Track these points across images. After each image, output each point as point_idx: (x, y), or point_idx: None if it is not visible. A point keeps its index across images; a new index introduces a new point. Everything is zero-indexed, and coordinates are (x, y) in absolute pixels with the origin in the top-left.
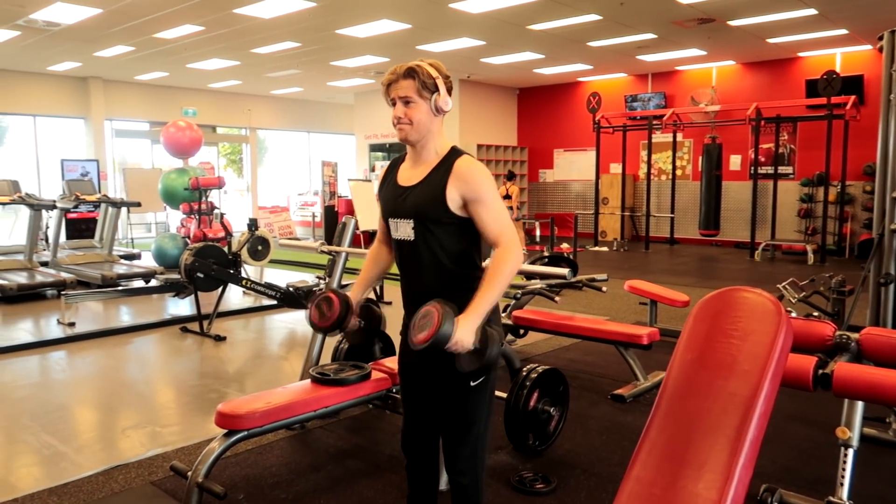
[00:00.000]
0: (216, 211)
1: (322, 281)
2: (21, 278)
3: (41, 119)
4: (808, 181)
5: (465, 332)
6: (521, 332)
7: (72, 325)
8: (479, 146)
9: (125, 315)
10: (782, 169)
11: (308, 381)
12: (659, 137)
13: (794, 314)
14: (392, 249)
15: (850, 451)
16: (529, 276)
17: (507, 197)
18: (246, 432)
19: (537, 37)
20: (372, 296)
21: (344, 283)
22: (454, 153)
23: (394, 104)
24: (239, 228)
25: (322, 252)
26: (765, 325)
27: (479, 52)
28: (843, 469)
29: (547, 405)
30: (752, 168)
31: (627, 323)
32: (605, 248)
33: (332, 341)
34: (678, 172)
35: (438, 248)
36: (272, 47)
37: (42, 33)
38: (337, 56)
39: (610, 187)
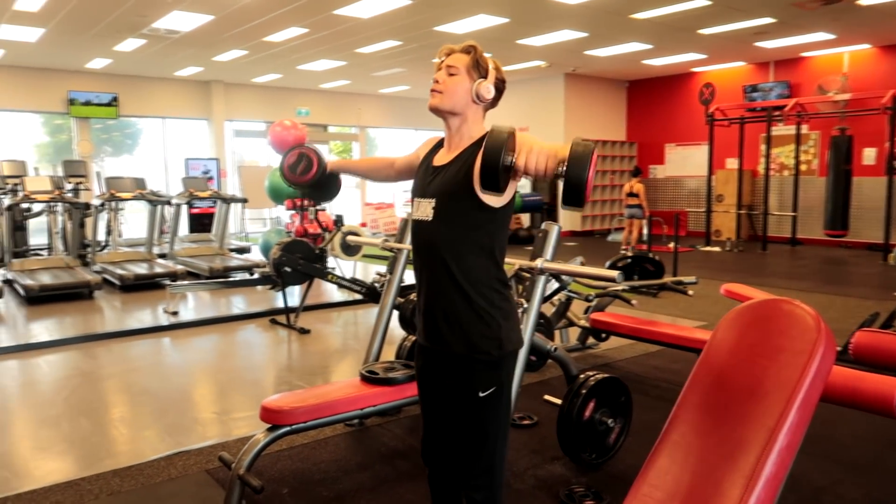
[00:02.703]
0: (311, 208)
1: (383, 278)
2: (140, 269)
3: (169, 121)
4: None
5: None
6: (603, 335)
7: (175, 313)
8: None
9: (225, 306)
10: None
11: (358, 378)
12: (781, 130)
13: None
14: (392, 174)
15: None
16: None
17: (633, 195)
18: (289, 428)
19: (642, 26)
20: None
21: (405, 283)
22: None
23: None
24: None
25: (384, 248)
26: (799, 343)
27: (582, 44)
28: None
29: (605, 416)
30: (889, 162)
31: None
32: (717, 249)
33: (395, 340)
34: (802, 167)
35: (454, 233)
36: (375, 47)
37: (165, 41)
38: None
39: (726, 183)
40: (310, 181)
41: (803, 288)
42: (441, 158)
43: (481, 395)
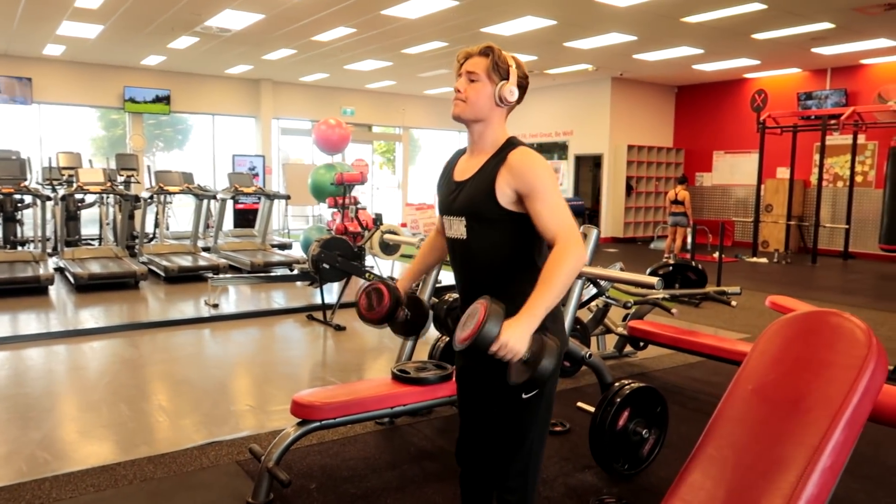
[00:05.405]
0: (350, 206)
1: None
2: (184, 261)
3: (219, 118)
4: None
5: (515, 337)
6: (641, 344)
7: (215, 306)
8: (630, 147)
9: (264, 300)
10: None
11: (389, 377)
12: (836, 139)
13: None
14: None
15: None
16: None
17: (678, 202)
18: (318, 423)
19: (694, 30)
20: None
21: (440, 284)
22: (509, 144)
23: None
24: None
25: (419, 248)
26: (847, 358)
27: (631, 47)
28: None
29: (639, 426)
30: None
31: None
32: (763, 260)
33: (428, 340)
34: (857, 178)
35: (492, 248)
36: (421, 47)
37: (217, 39)
38: None
39: (775, 193)
40: (388, 308)
41: (854, 303)
42: (463, 169)
43: (524, 396)
